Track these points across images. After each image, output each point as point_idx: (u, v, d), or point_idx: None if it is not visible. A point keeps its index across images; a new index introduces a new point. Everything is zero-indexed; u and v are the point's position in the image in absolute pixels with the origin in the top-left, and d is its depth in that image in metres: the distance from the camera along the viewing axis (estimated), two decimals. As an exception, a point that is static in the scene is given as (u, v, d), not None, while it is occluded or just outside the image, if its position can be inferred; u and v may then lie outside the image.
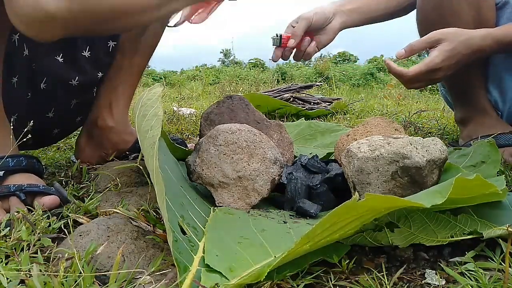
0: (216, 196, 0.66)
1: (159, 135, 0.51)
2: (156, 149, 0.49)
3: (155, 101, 0.57)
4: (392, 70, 0.95)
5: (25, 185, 0.67)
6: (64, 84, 0.89)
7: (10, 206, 0.64)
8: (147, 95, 0.60)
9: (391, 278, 0.47)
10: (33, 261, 0.47)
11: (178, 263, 0.43)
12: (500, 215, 0.57)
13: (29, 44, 0.79)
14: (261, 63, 8.28)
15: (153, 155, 0.49)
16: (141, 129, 0.56)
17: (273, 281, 0.45)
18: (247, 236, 0.52)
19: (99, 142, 0.95)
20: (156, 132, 0.52)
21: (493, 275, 0.46)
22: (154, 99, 0.57)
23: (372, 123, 0.80)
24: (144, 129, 0.55)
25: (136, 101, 0.64)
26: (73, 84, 0.89)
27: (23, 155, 0.72)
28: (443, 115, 1.87)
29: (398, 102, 2.71)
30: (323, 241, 0.47)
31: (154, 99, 0.57)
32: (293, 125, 1.20)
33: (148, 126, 0.54)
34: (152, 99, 0.57)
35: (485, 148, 0.74)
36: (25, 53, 0.80)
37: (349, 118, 1.79)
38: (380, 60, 10.23)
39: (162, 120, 0.57)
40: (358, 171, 0.61)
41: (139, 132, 0.57)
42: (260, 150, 0.67)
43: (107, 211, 0.63)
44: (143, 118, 0.56)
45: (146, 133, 0.53)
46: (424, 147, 0.61)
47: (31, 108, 0.85)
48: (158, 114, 0.54)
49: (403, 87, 1.15)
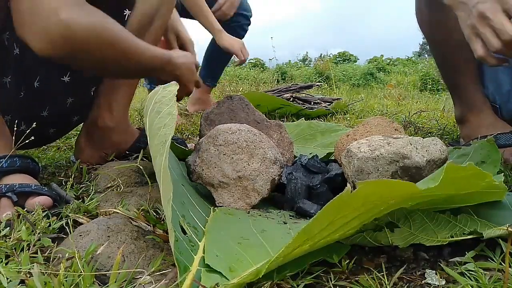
0: (216, 196, 0.67)
1: (172, 134, 0.51)
2: (167, 147, 0.49)
3: (170, 99, 0.57)
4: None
5: (16, 185, 0.67)
6: (57, 82, 0.88)
7: (0, 208, 0.64)
8: (162, 92, 0.59)
9: (391, 278, 0.47)
10: (33, 261, 0.47)
11: (179, 263, 0.43)
12: (500, 215, 0.57)
13: (19, 43, 0.79)
14: (261, 63, 8.28)
15: (163, 153, 0.48)
16: (152, 126, 0.55)
17: (273, 281, 0.45)
18: (247, 236, 0.52)
19: (99, 142, 0.95)
20: (169, 131, 0.52)
21: (493, 275, 0.46)
22: (169, 97, 0.57)
23: (372, 123, 0.80)
24: (156, 126, 0.54)
25: (147, 98, 0.64)
26: (65, 80, 0.89)
27: (17, 156, 0.72)
28: (443, 115, 1.87)
29: (398, 102, 2.70)
30: (323, 241, 0.47)
31: (169, 97, 0.57)
32: (293, 125, 1.20)
33: (161, 124, 0.54)
34: (168, 97, 0.57)
35: (485, 148, 0.74)
36: (16, 52, 0.80)
37: (349, 118, 1.79)
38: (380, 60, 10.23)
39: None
40: (358, 171, 0.61)
41: (149, 129, 0.57)
42: (260, 150, 0.67)
43: (107, 211, 0.63)
44: (156, 115, 0.56)
45: (158, 130, 0.53)
46: (424, 147, 0.61)
47: (24, 108, 0.84)
48: (172, 113, 0.54)
49: (403, 87, 1.15)
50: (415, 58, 11.88)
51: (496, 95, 1.08)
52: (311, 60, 12.70)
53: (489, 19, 0.72)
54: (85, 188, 0.78)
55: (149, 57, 0.75)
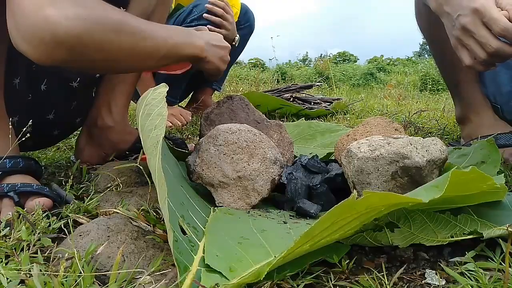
0: (216, 196, 0.66)
1: (163, 134, 0.51)
2: (160, 148, 0.49)
3: (160, 101, 0.57)
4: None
5: (18, 184, 0.67)
6: (64, 86, 0.88)
7: (1, 208, 0.64)
8: (152, 94, 0.59)
9: (391, 278, 0.47)
10: (33, 261, 0.47)
11: (178, 263, 0.43)
12: (500, 215, 0.57)
13: None
14: (261, 63, 8.28)
15: (156, 154, 0.48)
16: (144, 128, 0.56)
17: (273, 281, 0.45)
18: (247, 236, 0.52)
19: (98, 142, 0.95)
20: (160, 132, 0.52)
21: (493, 275, 0.46)
22: (159, 99, 0.57)
23: (372, 123, 0.80)
24: (148, 128, 0.54)
25: (139, 100, 0.64)
26: (73, 86, 0.89)
27: (21, 156, 0.72)
28: (443, 115, 1.87)
29: (398, 102, 2.70)
30: (323, 241, 0.47)
31: (159, 99, 0.57)
32: (293, 125, 1.20)
33: (152, 126, 0.54)
34: (157, 98, 0.57)
35: (485, 148, 0.74)
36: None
37: (349, 118, 1.78)
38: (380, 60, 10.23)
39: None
40: (358, 171, 0.61)
41: (142, 131, 0.57)
42: (260, 150, 0.67)
43: (107, 211, 0.63)
44: (147, 117, 0.56)
45: (149, 133, 0.53)
46: (424, 147, 0.61)
47: (32, 110, 0.85)
48: (162, 114, 0.54)
49: (403, 87, 1.15)
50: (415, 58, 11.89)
51: (496, 95, 1.08)
52: (311, 60, 12.72)
53: (472, 32, 0.73)
54: (85, 188, 0.78)
55: (166, 33, 0.68)
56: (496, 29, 0.69)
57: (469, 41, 0.74)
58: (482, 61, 0.74)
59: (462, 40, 0.75)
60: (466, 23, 0.73)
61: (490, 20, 0.70)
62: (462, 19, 0.73)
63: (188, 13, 1.57)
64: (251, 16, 1.87)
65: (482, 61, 0.74)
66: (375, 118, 0.82)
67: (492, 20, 0.69)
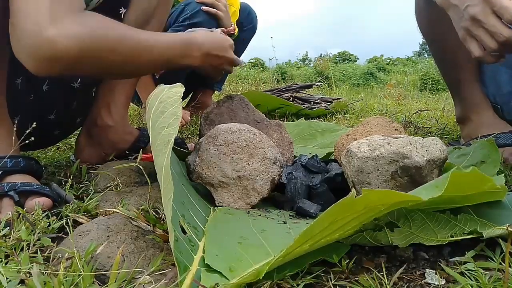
0: (216, 196, 0.66)
1: (175, 134, 0.51)
2: (170, 147, 0.49)
3: (176, 100, 0.57)
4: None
5: (19, 184, 0.67)
6: (66, 86, 0.89)
7: (1, 207, 0.64)
8: (167, 93, 0.59)
9: (391, 278, 0.47)
10: (33, 261, 0.47)
11: (178, 263, 0.43)
12: (500, 215, 0.57)
13: None
14: (261, 63, 8.28)
15: (165, 152, 0.48)
16: (155, 125, 0.55)
17: (273, 281, 0.45)
18: (247, 236, 0.52)
19: (98, 141, 0.95)
20: (172, 131, 0.52)
21: (493, 275, 0.46)
22: (175, 98, 0.57)
23: (372, 123, 0.80)
24: (160, 125, 0.54)
25: (151, 96, 0.63)
26: (75, 86, 0.90)
27: (21, 156, 0.72)
28: (443, 115, 1.87)
29: (398, 102, 2.70)
30: (322, 241, 0.47)
31: (175, 98, 0.57)
32: (293, 125, 1.20)
33: (164, 124, 0.54)
34: (173, 98, 0.57)
35: (485, 148, 0.74)
36: None
37: (349, 118, 1.78)
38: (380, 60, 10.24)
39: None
40: (358, 171, 0.61)
41: (152, 128, 0.57)
42: (260, 150, 0.67)
43: (107, 211, 0.63)
44: (160, 115, 0.56)
45: (161, 130, 0.53)
46: (424, 147, 0.61)
47: (33, 110, 0.85)
48: (177, 114, 0.54)
49: (403, 87, 1.15)
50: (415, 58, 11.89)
51: (496, 95, 1.08)
52: (311, 60, 12.71)
53: (481, 22, 0.72)
54: (85, 188, 0.78)
55: (163, 46, 0.70)
56: (507, 17, 0.69)
57: (478, 31, 0.73)
58: (492, 51, 0.73)
59: (471, 31, 0.74)
60: (475, 13, 0.72)
61: (501, 9, 0.69)
62: (471, 9, 0.73)
63: (180, 11, 1.58)
64: (254, 17, 1.88)
65: (492, 52, 0.74)
66: (375, 118, 0.82)
67: (503, 8, 0.69)
